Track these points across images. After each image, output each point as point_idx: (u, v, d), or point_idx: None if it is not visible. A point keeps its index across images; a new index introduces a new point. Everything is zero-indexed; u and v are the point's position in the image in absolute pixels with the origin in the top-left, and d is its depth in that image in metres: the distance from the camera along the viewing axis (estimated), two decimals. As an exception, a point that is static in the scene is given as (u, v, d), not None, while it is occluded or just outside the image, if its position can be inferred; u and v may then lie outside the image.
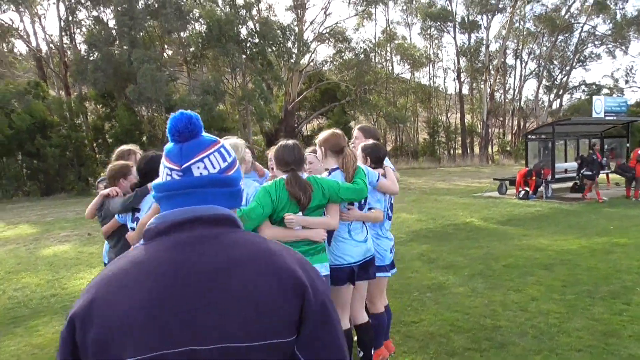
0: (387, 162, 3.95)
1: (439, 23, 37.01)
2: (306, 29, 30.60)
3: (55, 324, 5.43)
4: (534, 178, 13.87)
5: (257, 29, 26.04)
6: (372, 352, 3.63)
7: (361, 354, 3.58)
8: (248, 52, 25.22)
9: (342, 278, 3.28)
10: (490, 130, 37.34)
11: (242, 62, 26.03)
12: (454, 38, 37.74)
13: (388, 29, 37.39)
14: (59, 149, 21.00)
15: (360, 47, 32.22)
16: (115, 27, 22.97)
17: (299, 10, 29.94)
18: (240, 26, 24.79)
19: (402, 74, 37.29)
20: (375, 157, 3.73)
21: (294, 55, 27.75)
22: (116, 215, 3.57)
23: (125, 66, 21.70)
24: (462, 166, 30.86)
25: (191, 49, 26.54)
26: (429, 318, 5.00)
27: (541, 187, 13.95)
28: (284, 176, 3.02)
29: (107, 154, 23.33)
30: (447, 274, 6.62)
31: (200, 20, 25.07)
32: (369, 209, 3.57)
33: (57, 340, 3.79)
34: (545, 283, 5.98)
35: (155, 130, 23.94)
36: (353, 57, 32.08)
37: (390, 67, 37.34)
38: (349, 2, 30.74)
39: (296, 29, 28.69)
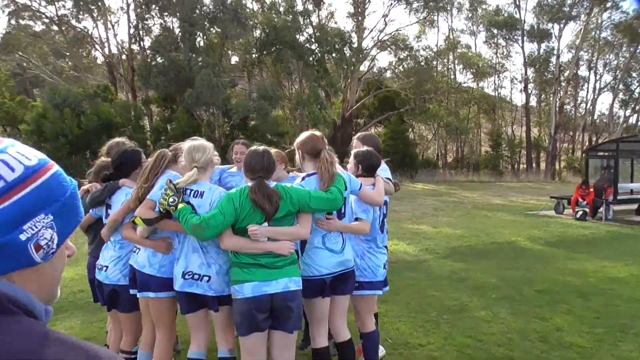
0: (383, 170, 3.70)
1: (505, 31, 35.69)
2: (366, 36, 30.48)
3: (72, 320, 5.56)
4: (590, 190, 12.95)
5: (315, 35, 26.22)
6: None
7: None
8: (305, 59, 25.39)
9: (312, 290, 3.08)
10: (558, 145, 35.46)
11: (299, 69, 26.27)
12: (522, 47, 36.23)
13: (451, 37, 36.56)
14: (121, 149, 22.02)
15: (421, 55, 31.65)
16: (180, 34, 23.87)
17: (358, 17, 29.86)
18: (297, 33, 25.02)
19: (464, 83, 36.25)
20: (367, 164, 3.47)
21: (352, 63, 27.68)
22: (90, 210, 3.57)
23: (185, 71, 22.48)
24: (525, 182, 29.50)
25: (253, 55, 27.11)
26: (438, 342, 4.71)
27: (601, 208, 13.01)
28: (250, 183, 2.87)
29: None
30: (473, 295, 6.25)
31: (258, 26, 25.55)
32: (356, 219, 3.32)
33: (73, 335, 3.86)
34: (577, 313, 5.50)
35: (214, 133, 24.59)
36: (414, 65, 31.55)
37: (452, 76, 36.42)
38: (410, 10, 30.28)
39: (355, 36, 28.63)
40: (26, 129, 22.98)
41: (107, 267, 3.34)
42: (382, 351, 4.04)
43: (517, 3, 35.84)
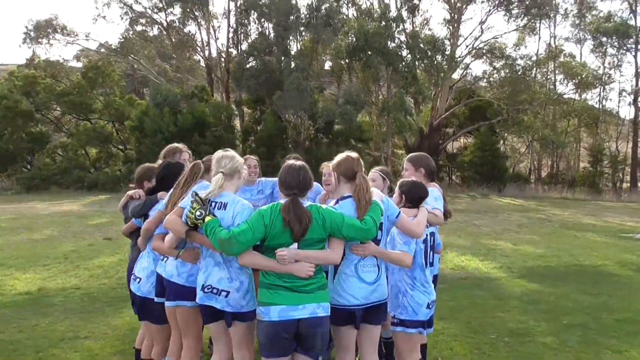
0: (435, 199, 3.51)
1: (615, 39, 33.07)
2: (460, 44, 29.68)
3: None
4: None
5: (407, 42, 25.99)
6: None
7: None
8: (394, 65, 25.25)
9: (341, 319, 2.98)
10: (669, 164, 32.36)
11: (388, 75, 26.18)
12: (635, 56, 33.36)
13: (553, 45, 34.55)
14: (212, 147, 23.22)
15: (518, 64, 30.14)
16: (273, 39, 24.78)
17: (454, 24, 29.15)
18: (388, 39, 24.94)
19: (564, 94, 34.08)
20: (411, 197, 3.32)
21: (443, 70, 27.11)
22: (133, 219, 3.71)
23: (276, 74, 23.29)
24: (626, 202, 27.20)
25: (346, 60, 27.38)
26: (492, 365, 4.54)
27: None
28: (283, 200, 2.81)
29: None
30: (542, 319, 5.91)
31: (350, 32, 25.77)
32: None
33: (132, 324, 4.16)
34: (657, 349, 5.05)
35: (299, 136, 25.17)
36: (510, 74, 30.13)
37: (551, 87, 34.37)
38: (509, 17, 29.07)
39: (448, 43, 28.02)
40: (130, 124, 24.95)
41: (140, 278, 3.45)
42: None
43: (634, 8, 33.24)
